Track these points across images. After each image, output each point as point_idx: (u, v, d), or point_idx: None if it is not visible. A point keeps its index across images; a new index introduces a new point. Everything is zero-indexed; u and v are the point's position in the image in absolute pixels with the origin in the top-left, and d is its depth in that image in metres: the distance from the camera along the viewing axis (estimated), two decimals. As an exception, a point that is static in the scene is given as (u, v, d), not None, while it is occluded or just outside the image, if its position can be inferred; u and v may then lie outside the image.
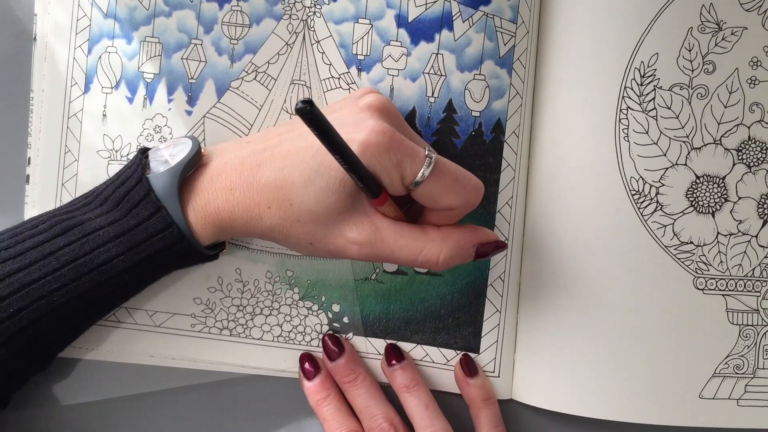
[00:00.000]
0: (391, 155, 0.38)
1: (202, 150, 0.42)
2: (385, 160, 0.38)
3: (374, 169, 0.38)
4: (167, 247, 0.40)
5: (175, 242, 0.40)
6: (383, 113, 0.41)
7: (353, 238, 0.40)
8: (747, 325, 0.50)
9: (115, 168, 0.47)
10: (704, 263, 0.49)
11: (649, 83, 0.48)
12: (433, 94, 0.48)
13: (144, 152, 0.43)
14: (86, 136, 0.47)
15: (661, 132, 0.48)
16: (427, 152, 0.39)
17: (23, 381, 0.42)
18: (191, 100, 0.47)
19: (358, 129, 0.38)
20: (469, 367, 0.48)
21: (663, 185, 0.48)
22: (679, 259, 0.49)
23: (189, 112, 0.47)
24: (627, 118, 0.48)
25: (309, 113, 0.33)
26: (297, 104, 0.32)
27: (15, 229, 0.41)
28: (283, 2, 0.47)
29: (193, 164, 0.41)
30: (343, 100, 0.45)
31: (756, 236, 0.49)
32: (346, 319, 0.49)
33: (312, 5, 0.47)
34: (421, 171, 0.38)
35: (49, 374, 0.47)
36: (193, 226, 0.40)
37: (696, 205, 0.49)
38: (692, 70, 0.48)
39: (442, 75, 0.48)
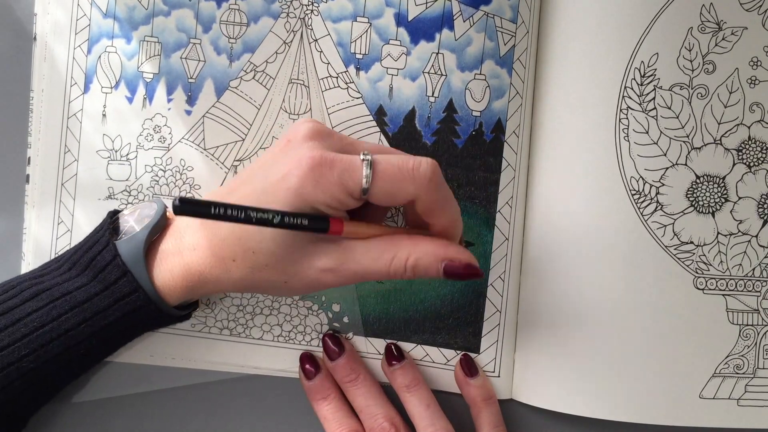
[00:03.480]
0: (327, 175, 0.37)
1: (167, 212, 0.43)
2: (323, 183, 0.37)
3: (317, 198, 0.37)
4: (133, 311, 0.40)
5: (141, 306, 0.40)
6: (311, 138, 0.40)
7: (323, 266, 0.39)
8: (747, 325, 0.49)
9: (115, 168, 0.47)
10: (704, 263, 0.49)
11: (649, 83, 0.48)
12: (433, 93, 0.48)
13: (113, 215, 0.43)
14: (86, 136, 0.47)
15: (661, 132, 0.48)
16: (362, 157, 0.38)
17: None
18: (191, 100, 0.47)
19: (290, 163, 0.38)
20: (470, 367, 0.48)
21: (663, 185, 0.48)
22: (679, 259, 0.49)
23: (188, 112, 0.47)
24: (627, 118, 0.48)
25: (182, 210, 0.33)
26: (174, 202, 0.33)
27: None
28: (280, 0, 0.47)
29: (159, 228, 0.42)
30: (278, 140, 0.45)
31: (756, 236, 0.49)
32: (346, 319, 0.49)
33: (309, 3, 0.47)
34: (363, 176, 0.38)
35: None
36: (159, 289, 0.41)
37: (696, 205, 0.49)
38: (692, 70, 0.48)
39: (442, 74, 0.48)
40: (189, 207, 0.34)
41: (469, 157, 0.48)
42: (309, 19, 0.47)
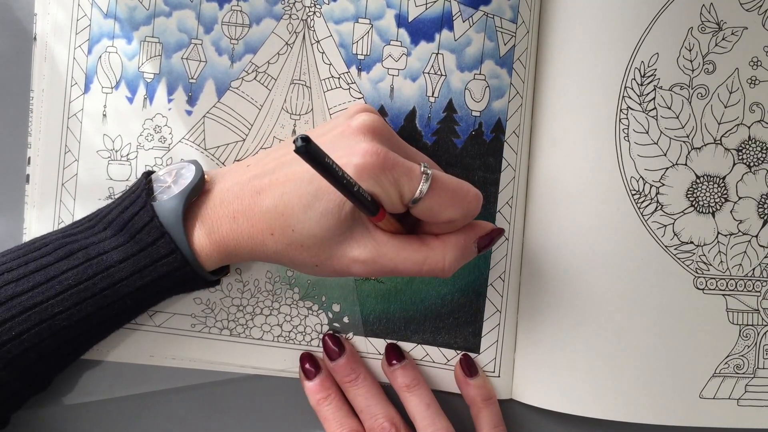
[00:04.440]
0: (387, 175, 0.38)
1: (206, 176, 0.43)
2: (381, 181, 0.38)
3: (372, 190, 0.38)
4: (171, 272, 0.40)
5: (178, 267, 0.40)
6: (376, 134, 0.41)
7: (356, 256, 0.40)
8: (747, 324, 0.50)
9: (115, 168, 0.47)
10: (704, 263, 0.49)
11: (649, 83, 0.48)
12: (433, 93, 0.48)
13: (147, 176, 0.43)
14: (86, 136, 0.47)
15: (661, 132, 0.48)
16: (422, 169, 0.39)
17: (22, 402, 0.42)
18: (191, 100, 0.47)
19: (352, 152, 0.38)
20: (470, 367, 0.48)
21: (663, 185, 0.48)
22: (679, 259, 0.49)
23: (189, 112, 0.47)
24: (627, 118, 0.48)
25: (306, 151, 0.33)
26: (295, 141, 0.33)
27: (18, 251, 0.41)
28: (282, 2, 0.47)
29: (198, 191, 0.42)
30: (336, 119, 0.45)
31: (756, 236, 0.49)
32: (346, 319, 0.49)
33: (312, 5, 0.47)
34: (419, 188, 0.39)
35: (49, 374, 0.47)
36: (197, 253, 0.41)
37: (696, 205, 0.49)
38: (692, 70, 0.48)
39: (442, 75, 0.48)
40: (312, 147, 0.34)
41: (469, 157, 0.48)
42: (311, 21, 0.47)
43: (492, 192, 0.49)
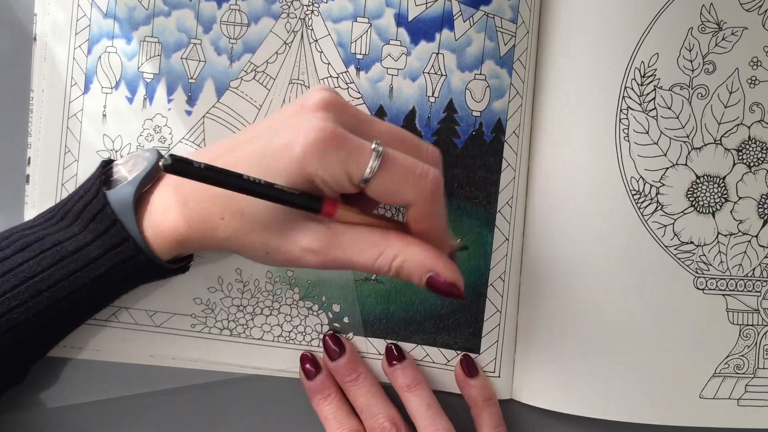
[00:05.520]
0: (333, 154, 0.36)
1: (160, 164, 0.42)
2: (327, 160, 0.36)
3: (316, 172, 0.36)
4: (124, 261, 0.40)
5: (131, 256, 0.40)
6: (326, 109, 0.38)
7: (307, 245, 0.39)
8: (747, 325, 0.50)
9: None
10: (704, 263, 0.49)
11: (649, 83, 0.48)
12: (433, 93, 0.48)
13: (105, 166, 0.42)
14: (86, 136, 0.47)
15: (661, 132, 0.48)
16: (374, 146, 0.37)
17: None
18: (191, 100, 0.47)
19: (298, 131, 0.37)
20: (470, 368, 0.48)
21: (663, 185, 0.48)
22: (679, 259, 0.49)
23: (189, 112, 0.47)
24: (627, 118, 0.48)
25: (173, 169, 0.32)
26: (163, 159, 0.32)
27: None
28: (280, 1, 0.47)
29: (151, 178, 0.41)
30: (291, 103, 0.43)
31: (756, 236, 0.49)
32: (346, 319, 0.49)
33: (310, 3, 0.47)
34: (369, 166, 0.36)
35: (47, 375, 0.47)
36: (149, 240, 0.40)
37: (696, 205, 0.49)
38: (692, 70, 0.48)
39: (442, 75, 0.48)
40: (180, 165, 0.32)
41: (469, 157, 0.48)
42: (309, 20, 0.47)
43: (492, 192, 0.48)
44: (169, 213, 0.40)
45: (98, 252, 0.40)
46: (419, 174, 0.37)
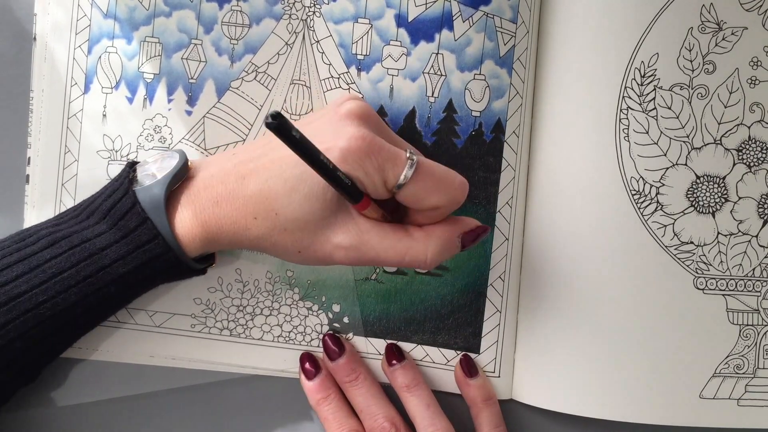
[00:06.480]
0: (372, 160, 0.38)
1: (189, 163, 0.43)
2: (366, 165, 0.39)
3: (356, 175, 0.39)
4: (153, 258, 0.40)
5: (161, 254, 0.40)
6: (362, 119, 0.41)
7: (339, 242, 0.40)
8: (747, 325, 0.50)
9: (116, 168, 0.47)
10: (704, 263, 0.49)
11: (649, 83, 0.48)
12: (433, 94, 0.48)
13: (132, 166, 0.43)
14: (86, 136, 0.47)
15: (661, 132, 0.48)
16: (408, 154, 0.39)
17: (10, 394, 0.42)
18: (191, 100, 0.47)
19: (337, 137, 0.39)
20: (470, 368, 0.48)
21: (663, 185, 0.48)
22: (679, 259, 0.49)
23: (189, 112, 0.47)
24: (627, 118, 0.48)
25: (276, 126, 0.33)
26: (265, 118, 0.33)
27: (3, 242, 0.41)
28: (282, 2, 0.47)
29: (180, 177, 0.41)
30: (324, 108, 0.45)
31: (756, 236, 0.49)
32: (346, 319, 0.49)
33: (312, 5, 0.47)
34: (403, 173, 0.39)
35: (49, 374, 0.47)
36: (179, 238, 0.41)
37: (696, 205, 0.49)
38: (692, 70, 0.48)
39: (442, 75, 0.48)
40: (282, 122, 0.33)
41: (469, 157, 0.48)
42: (311, 21, 0.47)
43: (492, 192, 0.49)
44: (200, 212, 0.41)
45: (127, 249, 0.40)
46: (451, 184, 0.41)
